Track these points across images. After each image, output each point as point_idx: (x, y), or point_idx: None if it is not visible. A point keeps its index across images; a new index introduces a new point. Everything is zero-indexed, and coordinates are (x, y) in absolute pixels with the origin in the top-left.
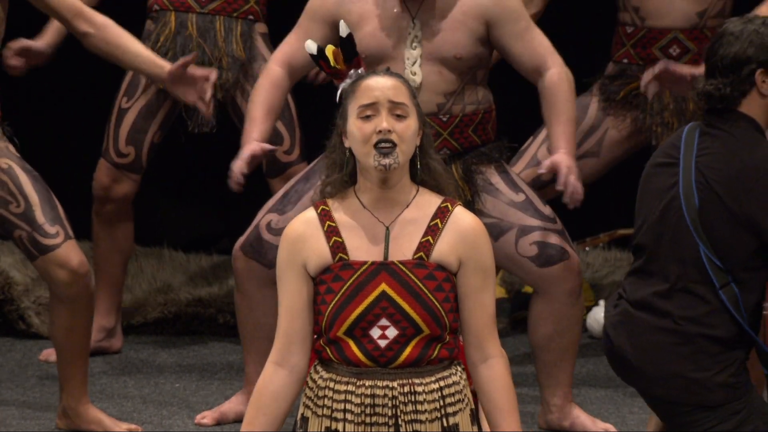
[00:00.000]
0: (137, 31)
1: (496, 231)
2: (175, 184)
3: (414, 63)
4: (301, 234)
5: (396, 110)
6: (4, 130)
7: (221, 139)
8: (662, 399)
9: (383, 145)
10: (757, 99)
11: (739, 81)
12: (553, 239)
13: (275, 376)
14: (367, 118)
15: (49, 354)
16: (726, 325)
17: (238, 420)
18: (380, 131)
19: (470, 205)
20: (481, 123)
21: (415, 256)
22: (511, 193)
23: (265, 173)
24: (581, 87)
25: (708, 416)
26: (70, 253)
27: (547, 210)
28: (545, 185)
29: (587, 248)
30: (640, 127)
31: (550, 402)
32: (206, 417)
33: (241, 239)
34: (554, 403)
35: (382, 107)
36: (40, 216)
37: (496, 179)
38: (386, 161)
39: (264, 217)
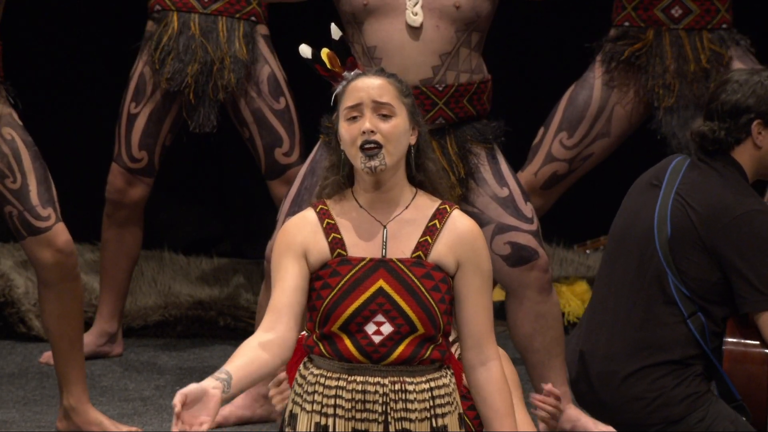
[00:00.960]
0: (138, 32)
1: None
2: (175, 187)
3: (416, 4)
4: (301, 228)
5: (381, 110)
6: (8, 92)
7: (221, 141)
8: (630, 424)
9: (368, 146)
10: (750, 149)
11: (735, 128)
12: (527, 240)
13: (261, 337)
14: (353, 119)
15: (50, 357)
16: (684, 348)
17: (239, 423)
18: (364, 132)
19: (464, 183)
20: (477, 93)
21: (414, 255)
22: (496, 186)
23: (265, 175)
24: (584, 53)
25: (676, 430)
26: (59, 233)
27: (527, 209)
28: (561, 180)
29: (588, 251)
30: (642, 97)
31: None
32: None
33: (271, 243)
34: None
35: (366, 108)
36: (34, 196)
37: (485, 167)
38: (372, 163)
39: (285, 220)
